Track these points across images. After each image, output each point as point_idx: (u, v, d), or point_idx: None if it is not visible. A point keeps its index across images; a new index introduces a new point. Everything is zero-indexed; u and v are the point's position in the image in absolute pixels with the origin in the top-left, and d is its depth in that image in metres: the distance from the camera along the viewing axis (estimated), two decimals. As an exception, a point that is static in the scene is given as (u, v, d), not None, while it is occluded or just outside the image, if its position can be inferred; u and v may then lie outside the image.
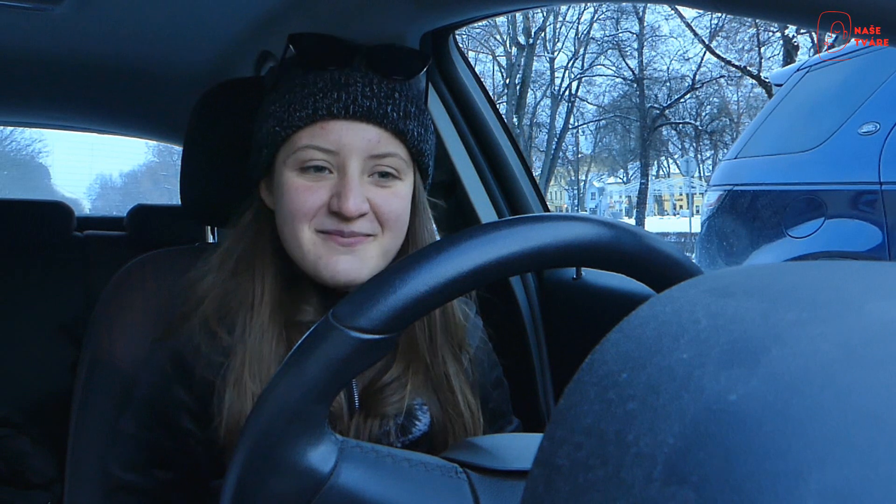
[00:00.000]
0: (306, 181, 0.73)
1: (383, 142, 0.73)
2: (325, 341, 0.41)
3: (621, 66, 19.43)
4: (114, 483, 0.78)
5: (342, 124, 0.72)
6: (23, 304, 2.01)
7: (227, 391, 0.71)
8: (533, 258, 0.43)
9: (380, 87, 0.74)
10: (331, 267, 0.73)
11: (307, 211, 0.72)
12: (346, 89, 0.72)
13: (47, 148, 23.41)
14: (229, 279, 0.77)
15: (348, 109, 0.72)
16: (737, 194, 3.13)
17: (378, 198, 0.74)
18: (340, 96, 0.72)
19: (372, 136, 0.72)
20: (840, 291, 0.23)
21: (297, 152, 0.73)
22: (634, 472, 0.19)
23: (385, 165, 0.74)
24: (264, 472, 0.42)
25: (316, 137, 0.72)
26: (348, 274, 0.73)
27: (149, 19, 1.35)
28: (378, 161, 0.73)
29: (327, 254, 0.73)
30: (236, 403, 0.70)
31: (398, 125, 0.73)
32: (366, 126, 0.72)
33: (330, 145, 0.72)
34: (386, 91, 0.74)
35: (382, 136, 0.73)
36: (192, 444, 0.75)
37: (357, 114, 0.72)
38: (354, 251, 0.73)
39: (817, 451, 0.17)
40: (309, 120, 0.72)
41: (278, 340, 0.74)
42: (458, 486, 0.46)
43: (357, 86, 0.73)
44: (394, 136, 0.74)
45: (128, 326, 0.91)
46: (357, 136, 0.72)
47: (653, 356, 0.22)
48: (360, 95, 0.72)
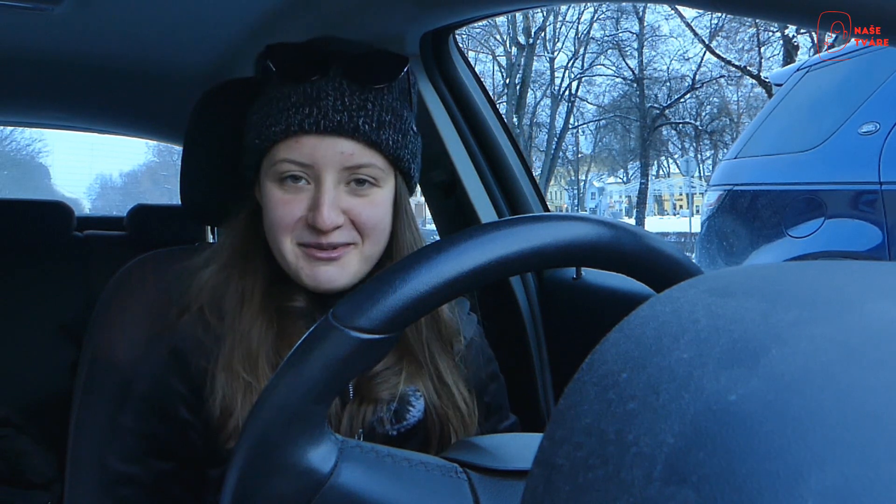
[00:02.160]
0: (284, 194, 0.75)
1: (357, 153, 0.74)
2: (324, 341, 0.41)
3: (621, 66, 19.45)
4: (113, 476, 0.79)
5: (314, 139, 0.73)
6: (23, 304, 2.01)
7: (219, 376, 0.73)
8: (533, 258, 0.43)
9: (352, 98, 0.74)
10: (312, 277, 0.76)
11: (286, 224, 0.75)
12: (317, 104, 0.73)
13: (47, 148, 23.44)
14: (222, 271, 0.80)
15: (319, 125, 0.73)
16: (737, 194, 3.13)
17: (355, 207, 0.75)
18: (312, 111, 0.73)
19: (345, 149, 0.73)
20: (840, 291, 0.23)
21: (275, 165, 0.75)
22: (634, 471, 0.19)
23: (361, 174, 0.75)
24: (264, 472, 0.42)
25: (291, 151, 0.74)
26: (330, 282, 0.76)
27: (149, 19, 1.35)
28: (353, 171, 0.75)
29: (308, 265, 0.76)
30: (227, 388, 0.73)
31: (370, 137, 0.74)
32: (338, 140, 0.73)
33: (304, 159, 0.73)
34: (358, 102, 0.74)
35: (356, 147, 0.74)
36: (190, 435, 0.77)
37: (328, 129, 0.73)
38: (334, 262, 0.76)
39: (817, 451, 0.17)
40: (283, 135, 0.73)
41: (268, 326, 0.76)
42: (458, 486, 0.46)
43: (328, 100, 0.73)
44: (368, 146, 0.74)
45: (128, 326, 0.91)
46: (330, 149, 0.73)
47: (653, 356, 0.22)
48: (331, 110, 0.73)
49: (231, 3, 1.26)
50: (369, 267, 0.79)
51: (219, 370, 0.74)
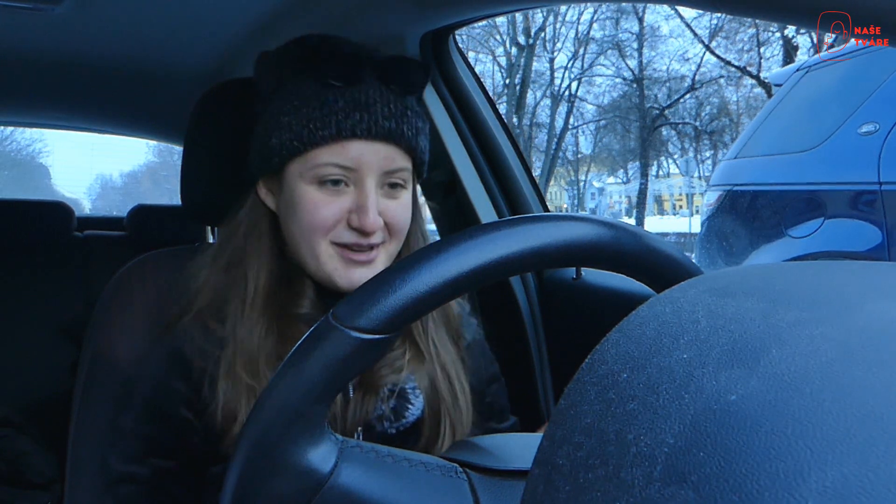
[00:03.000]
0: (325, 195, 0.75)
1: (397, 159, 0.77)
2: (325, 341, 0.41)
3: (621, 67, 19.44)
4: (113, 476, 0.79)
5: (362, 144, 0.75)
6: (23, 304, 2.01)
7: (221, 381, 0.74)
8: (533, 258, 0.43)
9: (396, 106, 0.77)
10: (346, 278, 0.76)
11: (327, 225, 0.76)
12: (367, 110, 0.75)
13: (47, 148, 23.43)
14: (222, 273, 0.80)
15: (370, 131, 0.74)
16: (736, 194, 3.14)
17: (389, 209, 0.77)
18: (363, 117, 0.74)
19: (388, 154, 0.76)
20: (840, 291, 0.23)
21: (316, 168, 0.75)
22: (634, 471, 0.19)
23: (396, 178, 0.78)
24: (264, 473, 0.42)
25: (336, 155, 0.74)
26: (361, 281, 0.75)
27: (149, 19, 1.35)
28: (390, 175, 0.77)
29: (343, 267, 0.77)
30: (230, 392, 0.73)
31: (411, 143, 0.77)
32: (384, 145, 0.75)
33: (349, 163, 0.75)
34: (401, 110, 0.77)
35: (397, 153, 0.77)
36: (190, 434, 0.77)
37: (378, 135, 0.75)
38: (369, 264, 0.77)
39: (817, 450, 0.17)
40: (332, 140, 0.74)
41: (268, 332, 0.76)
42: (458, 486, 0.46)
43: (377, 105, 0.75)
44: (406, 152, 0.77)
45: (128, 326, 0.91)
46: (375, 154, 0.75)
47: (653, 356, 0.22)
48: (381, 116, 0.75)
49: (231, 3, 1.26)
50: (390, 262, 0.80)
51: (221, 375, 0.74)
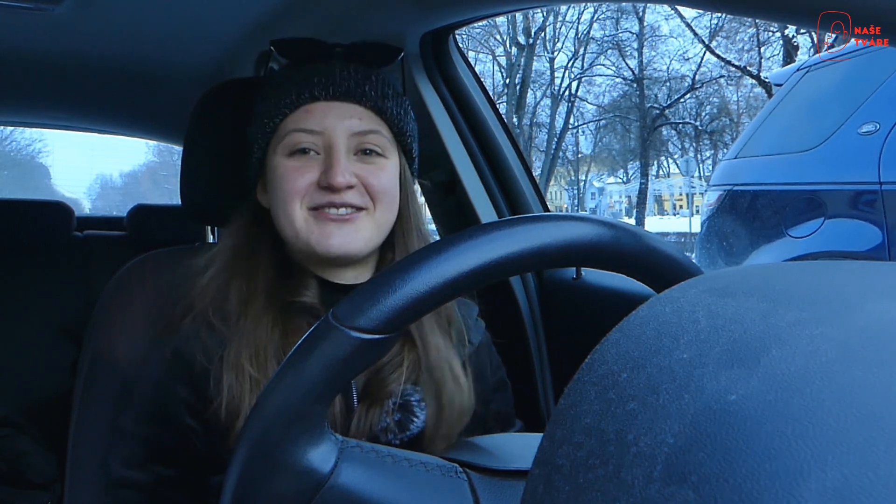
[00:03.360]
0: (296, 163, 0.78)
1: (365, 119, 0.79)
2: (324, 341, 0.41)
3: (621, 66, 19.44)
4: (114, 480, 0.79)
5: (324, 105, 0.78)
6: (23, 304, 2.01)
7: (226, 375, 0.73)
8: (533, 258, 0.43)
9: (358, 71, 0.80)
10: (323, 242, 0.77)
11: (298, 189, 0.77)
12: (326, 74, 0.79)
13: (47, 148, 23.43)
14: (225, 272, 0.79)
15: (328, 90, 0.78)
16: (737, 194, 3.13)
17: (365, 172, 0.78)
18: (321, 80, 0.78)
19: (353, 113, 0.78)
20: (840, 291, 0.23)
21: (285, 138, 0.78)
22: (634, 471, 0.19)
23: (369, 143, 0.79)
24: (264, 472, 0.42)
25: (300, 121, 0.77)
26: (342, 247, 0.77)
27: (149, 19, 1.35)
28: (362, 139, 0.78)
29: (319, 230, 0.77)
30: (235, 386, 0.72)
31: (377, 103, 0.79)
32: (347, 105, 0.78)
33: (315, 126, 0.77)
34: (363, 74, 0.80)
35: (364, 113, 0.79)
36: (192, 440, 0.76)
37: (337, 93, 0.78)
38: (346, 225, 0.77)
39: (817, 451, 0.17)
40: (293, 105, 0.78)
41: (273, 325, 0.76)
42: (458, 486, 0.46)
43: (336, 70, 0.79)
44: (374, 113, 0.79)
45: (128, 326, 0.91)
46: (340, 114, 0.78)
47: (653, 356, 0.22)
48: (340, 77, 0.79)
49: (231, 3, 1.26)
50: (382, 236, 0.81)
51: (225, 370, 0.73)
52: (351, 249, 0.77)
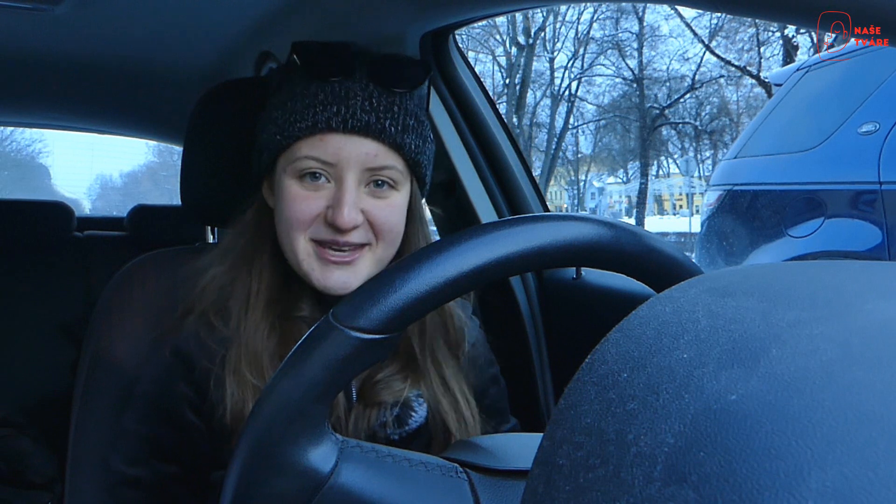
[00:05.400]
0: (304, 190, 0.74)
1: (381, 155, 0.74)
2: (325, 341, 0.41)
3: (621, 66, 19.43)
4: (116, 478, 0.79)
5: (340, 137, 0.73)
6: (23, 304, 2.01)
7: (228, 381, 0.73)
8: (533, 258, 0.43)
9: (379, 100, 0.74)
10: (322, 280, 0.75)
11: (303, 219, 0.74)
12: (345, 102, 0.73)
13: (47, 148, 23.40)
14: (227, 273, 0.79)
15: (346, 123, 0.72)
16: (737, 194, 3.13)
17: (374, 208, 0.75)
18: (340, 110, 0.73)
19: (370, 150, 0.73)
20: (840, 291, 0.23)
21: (296, 161, 0.74)
22: (634, 471, 0.19)
23: (382, 177, 0.75)
24: (265, 472, 0.42)
25: (315, 148, 0.73)
26: (342, 287, 0.75)
27: (149, 19, 1.35)
28: (375, 173, 0.75)
29: (320, 267, 0.75)
30: (237, 392, 0.73)
31: (396, 139, 0.74)
32: (364, 140, 0.73)
33: (328, 157, 0.73)
34: (385, 105, 0.74)
35: (380, 149, 0.74)
36: (194, 437, 0.76)
37: (355, 128, 0.73)
38: (347, 267, 0.75)
39: (817, 451, 0.17)
40: (308, 132, 0.73)
41: (270, 332, 0.76)
42: (458, 486, 0.46)
43: (357, 99, 0.73)
44: (391, 149, 0.75)
45: (128, 326, 0.91)
46: (355, 149, 0.73)
47: (653, 356, 0.22)
48: (360, 110, 0.73)
49: (231, 3, 1.26)
50: (381, 268, 0.78)
51: (227, 375, 0.73)
52: (349, 287, 0.75)
